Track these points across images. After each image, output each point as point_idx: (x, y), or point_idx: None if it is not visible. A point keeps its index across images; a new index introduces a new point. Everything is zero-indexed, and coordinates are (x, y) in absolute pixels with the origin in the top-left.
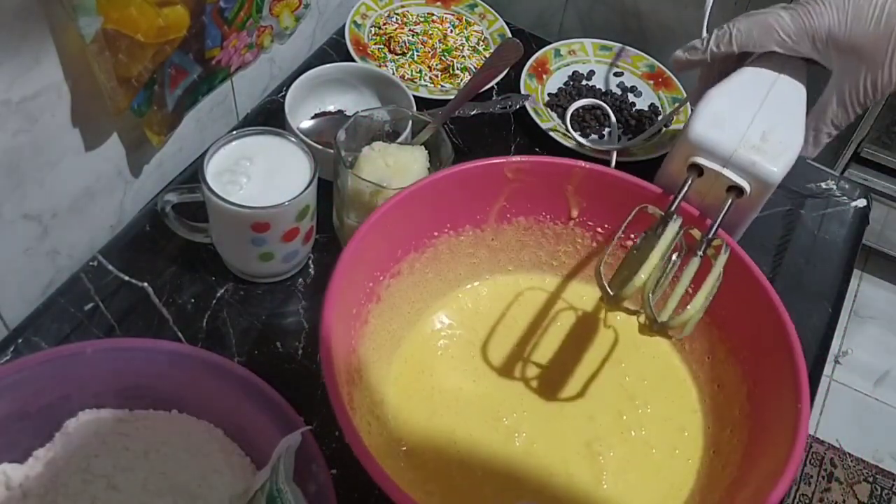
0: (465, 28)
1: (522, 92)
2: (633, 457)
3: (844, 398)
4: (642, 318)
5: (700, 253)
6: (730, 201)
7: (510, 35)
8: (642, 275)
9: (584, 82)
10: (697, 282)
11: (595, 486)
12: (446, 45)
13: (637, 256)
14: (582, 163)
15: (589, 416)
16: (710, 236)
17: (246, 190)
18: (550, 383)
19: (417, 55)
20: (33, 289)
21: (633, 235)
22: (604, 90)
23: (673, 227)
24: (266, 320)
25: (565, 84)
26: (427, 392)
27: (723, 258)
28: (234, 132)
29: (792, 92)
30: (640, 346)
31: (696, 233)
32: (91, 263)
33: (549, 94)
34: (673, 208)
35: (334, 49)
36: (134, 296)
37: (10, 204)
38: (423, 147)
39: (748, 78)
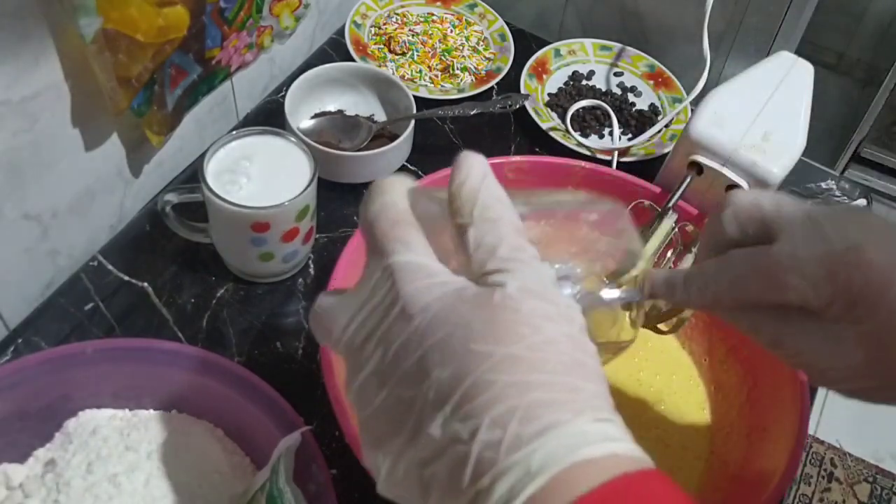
0: (465, 28)
1: (522, 92)
2: (652, 455)
3: (844, 398)
4: (633, 312)
5: (694, 249)
6: None
7: (510, 35)
8: (634, 269)
9: (584, 82)
10: None
11: None
12: (446, 45)
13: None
14: (582, 163)
15: None
16: None
17: (246, 190)
18: None
19: (417, 55)
20: (33, 289)
21: None
22: (604, 90)
23: (668, 222)
24: (266, 320)
25: (565, 84)
26: None
27: None
28: (234, 132)
29: (797, 93)
30: (647, 340)
31: (695, 231)
32: (91, 263)
33: (549, 94)
34: (669, 204)
35: (334, 49)
36: (134, 296)
37: (10, 204)
38: None
39: (754, 77)
